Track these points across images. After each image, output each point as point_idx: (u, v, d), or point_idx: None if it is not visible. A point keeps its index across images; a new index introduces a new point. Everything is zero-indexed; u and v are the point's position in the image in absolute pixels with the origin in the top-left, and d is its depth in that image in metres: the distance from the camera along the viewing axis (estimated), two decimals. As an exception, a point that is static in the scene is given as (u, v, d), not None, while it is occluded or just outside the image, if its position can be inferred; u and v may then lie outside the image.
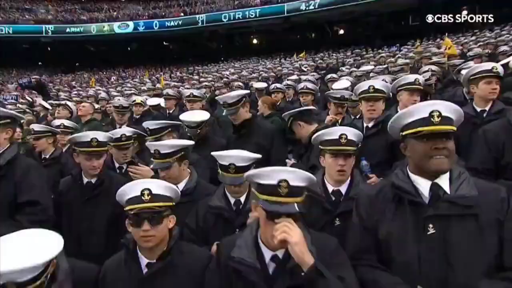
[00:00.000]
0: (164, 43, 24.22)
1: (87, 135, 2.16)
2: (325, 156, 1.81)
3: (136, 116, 4.65)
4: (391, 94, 3.08)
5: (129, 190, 1.42)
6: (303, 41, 20.64)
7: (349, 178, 1.81)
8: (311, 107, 2.91)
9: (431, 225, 1.22)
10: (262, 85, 5.40)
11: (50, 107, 6.58)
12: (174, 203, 1.47)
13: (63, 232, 2.06)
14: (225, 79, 9.23)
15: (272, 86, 4.80)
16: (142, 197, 1.38)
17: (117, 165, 2.53)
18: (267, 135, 2.67)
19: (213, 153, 1.80)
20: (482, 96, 2.43)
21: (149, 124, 2.43)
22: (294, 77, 7.76)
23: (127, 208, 1.41)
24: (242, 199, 1.76)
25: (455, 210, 1.22)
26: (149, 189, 1.38)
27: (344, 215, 1.66)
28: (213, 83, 8.66)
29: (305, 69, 10.25)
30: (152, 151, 1.94)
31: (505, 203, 1.23)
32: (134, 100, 4.60)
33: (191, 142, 2.09)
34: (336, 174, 1.76)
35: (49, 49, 23.74)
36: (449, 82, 5.08)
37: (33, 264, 1.08)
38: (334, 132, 1.79)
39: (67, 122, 3.22)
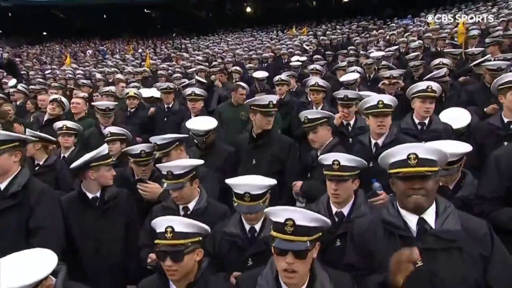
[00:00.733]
0: (145, 10, 23.47)
1: (104, 149, 2.40)
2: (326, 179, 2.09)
3: (131, 110, 4.74)
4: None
5: (159, 225, 1.65)
6: (302, 10, 20.26)
7: (352, 200, 2.07)
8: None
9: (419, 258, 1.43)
10: (263, 74, 5.49)
11: (28, 94, 6.59)
12: (201, 237, 1.67)
13: (78, 248, 2.30)
14: (219, 60, 9.21)
15: (276, 78, 4.91)
16: (165, 234, 1.60)
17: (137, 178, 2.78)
18: (284, 147, 2.85)
19: (227, 181, 1.98)
20: (510, 108, 2.63)
21: (157, 140, 2.60)
22: (296, 60, 7.82)
23: (155, 241, 1.61)
24: (257, 226, 1.94)
25: (440, 244, 1.45)
26: (171, 227, 1.60)
27: (344, 236, 1.90)
28: (207, 64, 8.65)
29: (307, 47, 10.26)
30: (165, 173, 2.13)
31: (488, 237, 1.47)
32: (127, 93, 4.67)
33: (201, 162, 2.26)
34: (331, 196, 2.06)
35: (10, 14, 22.74)
36: (465, 72, 5.25)
37: (19, 285, 1.32)
38: (328, 158, 2.08)
39: (69, 123, 3.35)
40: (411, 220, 1.52)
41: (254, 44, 13.08)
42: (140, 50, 15.51)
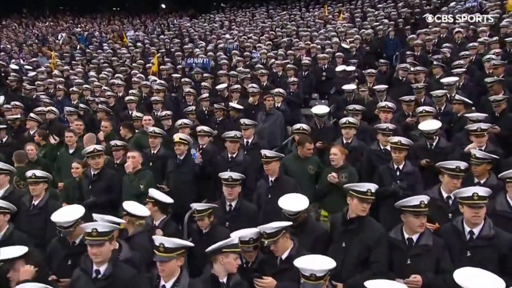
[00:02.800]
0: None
1: (234, 238, 3.34)
2: None
3: (180, 157, 5.53)
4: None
5: None
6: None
7: None
8: None
9: None
10: (323, 110, 6.33)
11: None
12: None
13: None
14: (241, 65, 9.96)
15: (343, 120, 5.68)
16: None
17: (244, 260, 3.69)
18: (375, 237, 3.57)
19: (366, 285, 2.78)
20: None
21: (266, 229, 3.43)
22: (342, 69, 8.66)
23: None
24: None
25: None
26: None
27: None
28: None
29: (347, 46, 11.04)
30: (308, 275, 2.93)
31: None
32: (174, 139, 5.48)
33: (334, 263, 3.04)
34: None
35: None
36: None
37: None
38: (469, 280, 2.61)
39: (161, 198, 4.29)
40: None
41: (276, 33, 13.73)
42: (131, 36, 16.14)
